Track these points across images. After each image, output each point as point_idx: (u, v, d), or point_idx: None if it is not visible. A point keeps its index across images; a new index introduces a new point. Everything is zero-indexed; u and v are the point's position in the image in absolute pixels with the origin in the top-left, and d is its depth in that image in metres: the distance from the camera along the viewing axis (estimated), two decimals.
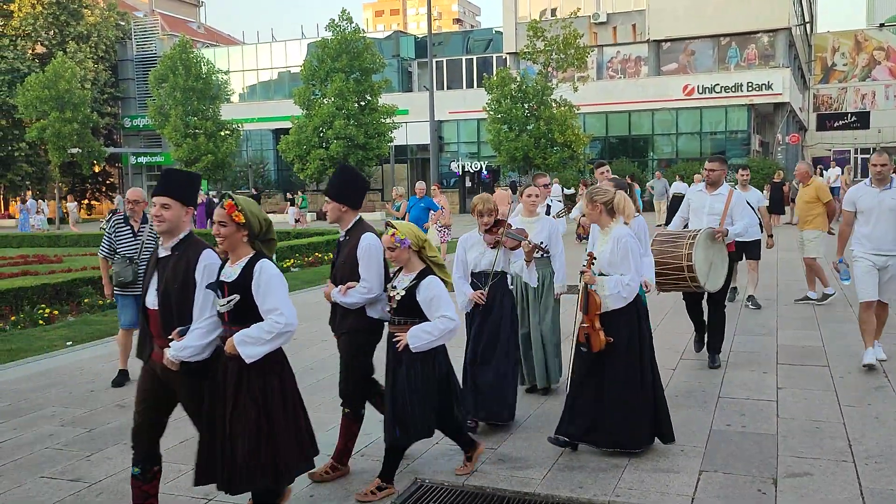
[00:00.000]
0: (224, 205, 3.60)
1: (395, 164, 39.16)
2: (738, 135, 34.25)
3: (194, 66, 33.89)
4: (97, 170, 44.25)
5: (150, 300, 3.75)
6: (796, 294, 10.28)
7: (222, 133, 34.76)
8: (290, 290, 4.50)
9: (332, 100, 29.79)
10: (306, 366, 7.09)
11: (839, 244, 6.85)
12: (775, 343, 7.69)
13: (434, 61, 28.10)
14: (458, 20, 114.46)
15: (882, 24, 48.68)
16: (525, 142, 27.38)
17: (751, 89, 33.05)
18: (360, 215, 4.62)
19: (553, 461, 4.72)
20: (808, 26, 47.09)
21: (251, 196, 32.64)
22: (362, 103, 30.41)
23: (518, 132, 27.68)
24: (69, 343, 8.71)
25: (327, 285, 4.60)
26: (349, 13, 30.73)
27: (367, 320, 4.49)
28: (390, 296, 4.32)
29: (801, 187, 10.06)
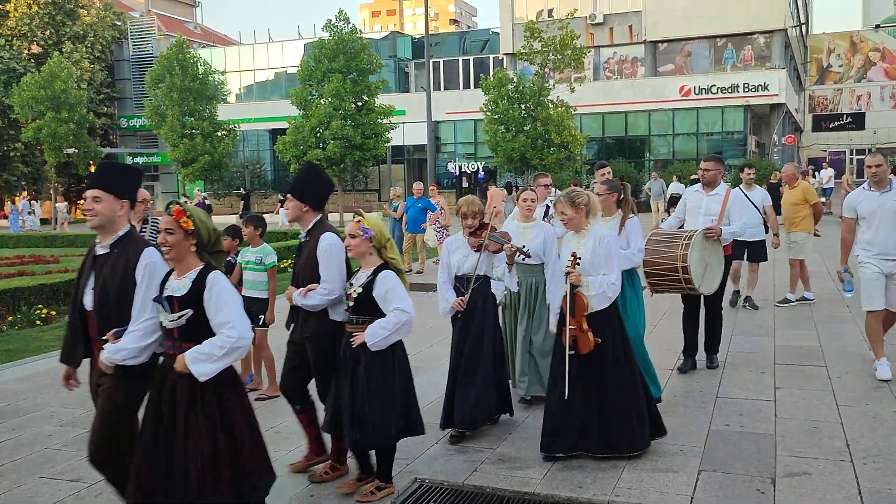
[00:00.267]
0: (171, 211, 3.42)
1: (391, 165, 39.14)
2: (735, 136, 34.32)
3: (191, 67, 33.83)
4: (93, 170, 44.15)
5: (87, 301, 3.57)
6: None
7: (219, 133, 34.70)
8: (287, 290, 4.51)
9: (329, 100, 29.75)
10: None
11: (843, 252, 6.56)
12: (773, 343, 7.71)
13: (431, 62, 28.10)
14: (454, 21, 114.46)
15: (878, 26, 48.87)
16: (522, 142, 27.40)
17: (747, 90, 33.11)
18: (321, 216, 4.51)
19: (553, 461, 4.73)
20: (804, 27, 47.22)
21: (241, 197, 32.65)
22: (359, 104, 30.39)
23: (515, 133, 27.70)
24: None
25: (289, 288, 4.49)
26: (346, 14, 30.71)
27: (330, 324, 4.36)
28: (348, 293, 4.21)
29: (787, 189, 10.06)
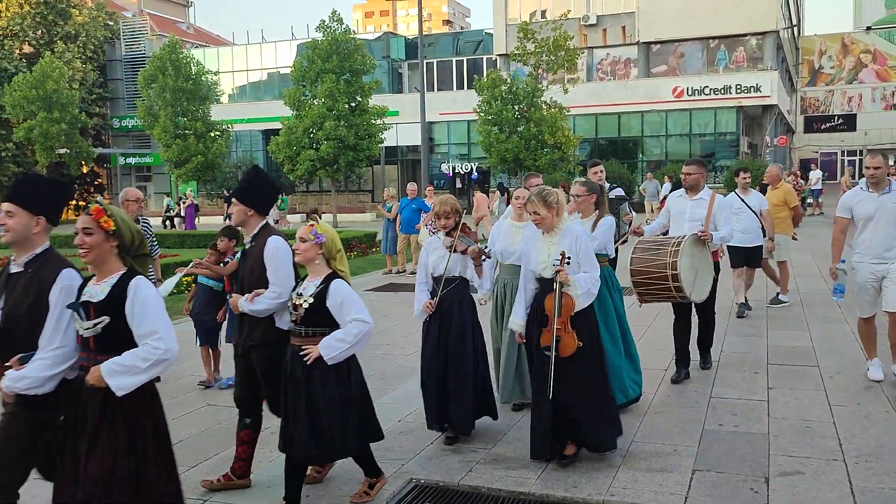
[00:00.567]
0: (90, 210, 3.14)
1: (385, 166, 39.15)
2: (727, 137, 34.46)
3: (184, 67, 33.74)
4: (85, 170, 43.99)
5: None
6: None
7: (212, 134, 34.62)
8: None
9: (323, 101, 29.73)
10: None
11: (834, 252, 6.36)
12: (765, 344, 7.75)
13: (424, 62, 28.11)
14: (447, 21, 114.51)
15: (869, 28, 49.16)
16: (515, 143, 27.45)
17: (739, 91, 33.26)
18: (266, 220, 4.39)
19: (548, 461, 4.74)
20: (796, 29, 47.41)
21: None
22: (352, 104, 30.36)
23: (508, 134, 27.74)
24: None
25: (233, 296, 4.34)
26: (339, 14, 30.68)
27: (277, 332, 4.20)
28: (296, 304, 3.95)
29: (769, 190, 9.98)
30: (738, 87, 33.28)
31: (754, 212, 9.07)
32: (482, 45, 40.23)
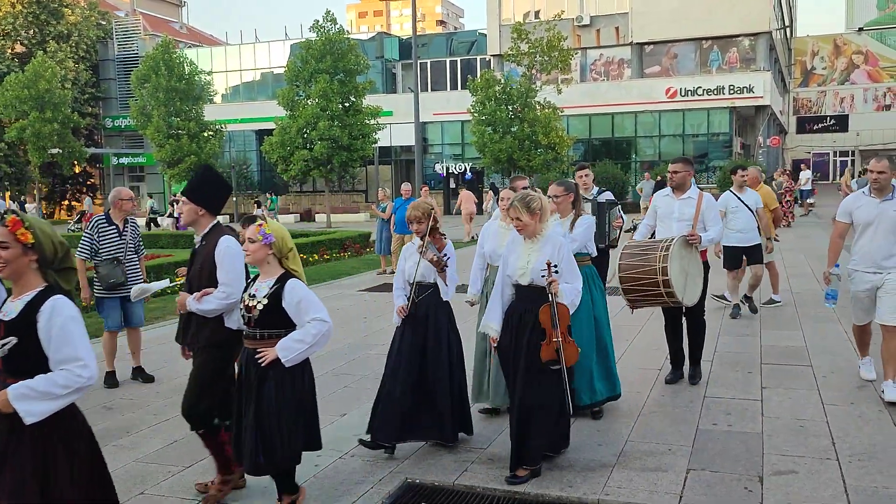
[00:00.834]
0: (6, 222, 2.89)
1: (379, 166, 39.13)
2: (720, 137, 34.58)
3: (177, 67, 33.66)
4: (78, 170, 43.86)
5: None
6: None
7: (205, 134, 34.56)
8: None
9: (316, 101, 29.70)
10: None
11: (831, 255, 6.18)
12: (759, 343, 7.77)
13: (418, 63, 28.11)
14: (441, 22, 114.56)
15: (861, 29, 49.38)
16: (509, 143, 27.49)
17: (732, 92, 33.37)
18: (217, 220, 4.30)
19: (545, 460, 4.74)
20: (788, 30, 47.64)
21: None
22: (346, 104, 30.34)
23: (502, 134, 27.78)
24: None
25: (180, 295, 4.23)
26: (333, 14, 30.66)
27: (226, 332, 4.10)
28: (249, 305, 3.81)
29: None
30: (731, 87, 33.40)
31: (751, 210, 8.98)
32: (476, 45, 40.25)
